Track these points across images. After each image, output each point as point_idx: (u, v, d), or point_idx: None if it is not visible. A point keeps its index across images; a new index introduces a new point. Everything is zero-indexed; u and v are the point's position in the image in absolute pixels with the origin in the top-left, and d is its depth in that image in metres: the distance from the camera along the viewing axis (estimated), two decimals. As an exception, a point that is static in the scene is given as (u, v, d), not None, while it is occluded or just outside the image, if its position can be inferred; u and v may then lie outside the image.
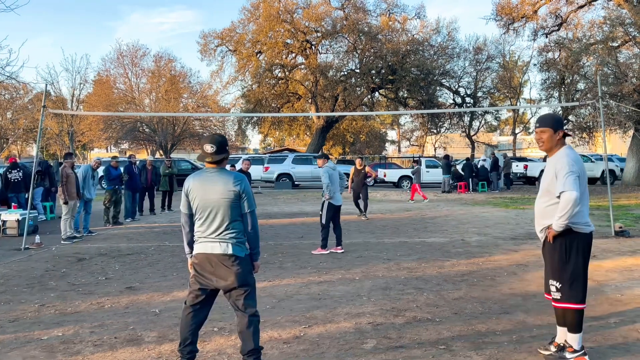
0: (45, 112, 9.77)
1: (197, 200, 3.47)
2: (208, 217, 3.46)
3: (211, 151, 3.45)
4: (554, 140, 3.83)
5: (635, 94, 20.41)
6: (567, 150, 3.81)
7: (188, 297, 3.57)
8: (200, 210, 3.48)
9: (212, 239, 3.45)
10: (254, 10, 32.36)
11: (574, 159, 3.73)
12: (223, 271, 3.42)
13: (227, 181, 3.43)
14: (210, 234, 3.46)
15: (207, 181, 3.46)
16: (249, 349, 3.48)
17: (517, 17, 27.79)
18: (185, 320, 3.56)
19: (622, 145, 38.81)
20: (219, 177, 3.45)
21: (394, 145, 63.90)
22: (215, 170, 3.48)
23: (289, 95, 34.27)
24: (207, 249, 3.45)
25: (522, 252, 8.03)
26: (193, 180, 3.51)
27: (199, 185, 3.48)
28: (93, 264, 7.60)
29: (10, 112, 34.61)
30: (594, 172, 25.33)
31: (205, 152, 3.47)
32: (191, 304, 3.55)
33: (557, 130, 3.82)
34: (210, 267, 3.44)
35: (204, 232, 3.48)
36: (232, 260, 3.42)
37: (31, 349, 4.22)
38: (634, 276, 6.42)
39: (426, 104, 31.01)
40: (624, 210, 13.56)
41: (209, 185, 3.44)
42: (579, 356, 3.79)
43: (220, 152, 3.47)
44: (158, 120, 35.07)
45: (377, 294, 5.74)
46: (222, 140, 3.52)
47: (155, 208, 14.51)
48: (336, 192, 8.40)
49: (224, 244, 3.43)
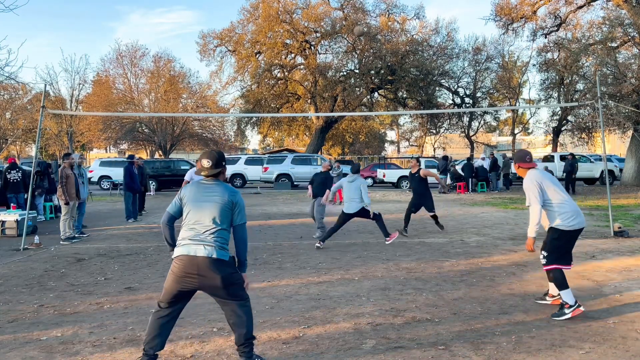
0: (44, 112, 9.76)
1: (190, 206, 3.62)
2: (197, 222, 3.57)
3: (208, 166, 3.66)
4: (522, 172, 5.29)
5: (634, 94, 20.42)
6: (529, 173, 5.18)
7: (163, 297, 3.62)
8: (191, 216, 3.60)
9: (196, 242, 3.54)
10: (253, 10, 32.36)
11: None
12: (208, 274, 3.49)
13: (224, 192, 3.62)
14: (195, 237, 3.55)
15: (204, 190, 3.65)
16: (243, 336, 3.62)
17: (516, 17, 27.81)
18: (156, 322, 3.63)
19: (621, 146, 38.88)
20: (216, 188, 3.65)
21: (393, 145, 63.96)
22: (212, 181, 3.69)
23: (288, 96, 34.27)
24: (191, 252, 3.51)
25: (521, 253, 8.03)
26: (190, 187, 3.70)
27: (195, 192, 3.65)
28: (92, 265, 7.60)
29: (9, 112, 34.56)
30: (593, 173, 25.36)
31: (202, 167, 3.67)
32: (166, 304, 3.62)
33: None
34: (194, 270, 3.50)
35: (191, 236, 3.56)
36: (217, 264, 3.50)
37: (30, 349, 4.22)
38: (633, 276, 6.43)
39: (425, 105, 31.02)
40: (623, 211, 13.57)
41: (206, 193, 3.62)
42: (575, 309, 4.79)
43: (216, 167, 3.67)
44: (157, 120, 35.06)
45: (376, 294, 5.74)
46: (218, 156, 3.72)
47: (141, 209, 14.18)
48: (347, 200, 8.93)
49: (209, 248, 3.52)
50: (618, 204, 15.27)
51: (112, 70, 38.45)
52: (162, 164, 25.47)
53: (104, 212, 15.15)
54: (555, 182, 5.08)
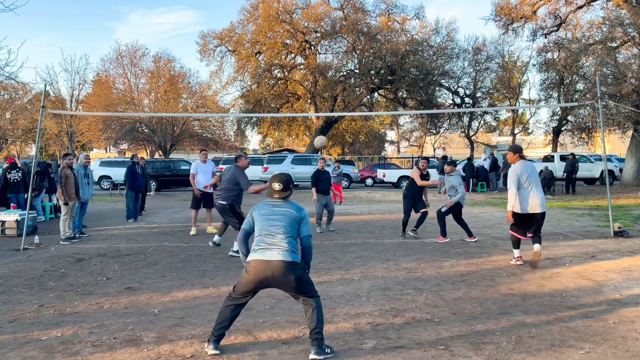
0: (44, 112, 9.76)
1: (263, 222, 4.11)
2: (270, 232, 4.05)
3: (279, 189, 4.19)
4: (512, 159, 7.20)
5: (634, 94, 20.42)
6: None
7: (238, 289, 4.09)
8: (264, 229, 4.08)
9: (270, 248, 4.01)
10: (253, 10, 32.37)
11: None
12: (281, 274, 3.95)
13: (292, 209, 4.16)
14: (270, 245, 4.01)
15: (276, 207, 4.16)
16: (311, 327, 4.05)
17: (516, 17, 27.81)
18: (226, 309, 4.13)
19: (621, 146, 38.87)
20: (285, 205, 4.18)
21: (393, 145, 63.98)
22: (282, 201, 4.21)
23: (288, 96, 34.27)
24: (266, 256, 3.97)
25: (521, 253, 8.01)
26: (263, 206, 4.20)
27: (269, 211, 4.15)
28: (92, 265, 7.59)
29: (9, 112, 34.56)
30: (593, 173, 25.36)
31: (273, 189, 4.20)
32: (240, 295, 4.10)
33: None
34: (269, 272, 3.95)
35: (267, 243, 4.02)
36: (289, 265, 3.96)
37: (30, 349, 4.22)
38: (633, 276, 6.43)
39: (425, 105, 31.02)
40: (623, 211, 13.57)
41: (277, 210, 4.15)
42: (516, 259, 7.29)
43: (285, 190, 4.21)
44: (157, 120, 35.06)
45: (376, 294, 5.74)
46: (287, 179, 4.25)
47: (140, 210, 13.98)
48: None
49: (283, 252, 3.98)
50: (618, 204, 15.27)
51: (112, 70, 38.49)
52: (162, 164, 25.46)
53: (104, 212, 15.15)
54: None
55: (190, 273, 6.93)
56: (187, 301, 5.58)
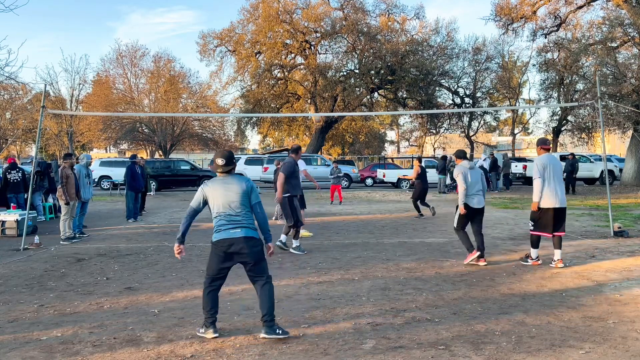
0: (44, 112, 9.76)
1: (217, 199, 4.33)
2: (228, 209, 4.31)
3: (222, 164, 4.41)
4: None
5: (634, 94, 20.42)
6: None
7: (210, 273, 4.39)
8: (220, 206, 4.32)
9: (233, 227, 4.29)
10: (253, 10, 32.36)
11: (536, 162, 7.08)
12: (245, 250, 4.28)
13: (239, 182, 4.41)
14: (230, 223, 4.29)
15: (224, 183, 4.39)
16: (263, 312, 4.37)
17: (516, 17, 27.80)
18: (205, 293, 4.42)
19: (621, 146, 38.87)
20: (232, 180, 4.41)
21: (393, 145, 63.93)
22: (228, 176, 4.44)
23: (288, 96, 34.26)
24: (230, 235, 4.27)
25: (520, 252, 8.02)
26: (212, 184, 4.40)
27: (218, 187, 4.37)
28: (92, 265, 7.59)
29: (10, 112, 34.56)
30: (593, 173, 25.37)
31: (217, 165, 4.42)
32: (215, 278, 4.40)
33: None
34: (234, 248, 4.27)
35: (225, 224, 4.30)
36: (252, 241, 4.30)
37: (30, 349, 4.22)
38: (632, 276, 6.43)
39: (425, 105, 31.02)
40: (623, 211, 13.57)
41: (226, 186, 4.37)
42: (535, 261, 7.17)
43: (228, 164, 4.42)
44: (157, 120, 35.06)
45: (376, 294, 5.74)
46: (229, 155, 4.51)
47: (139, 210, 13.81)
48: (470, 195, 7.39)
49: (245, 229, 4.30)
50: (618, 204, 15.26)
51: (112, 70, 38.51)
52: (162, 164, 25.45)
53: (104, 212, 15.15)
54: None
55: (190, 273, 6.93)
56: (187, 301, 5.58)
